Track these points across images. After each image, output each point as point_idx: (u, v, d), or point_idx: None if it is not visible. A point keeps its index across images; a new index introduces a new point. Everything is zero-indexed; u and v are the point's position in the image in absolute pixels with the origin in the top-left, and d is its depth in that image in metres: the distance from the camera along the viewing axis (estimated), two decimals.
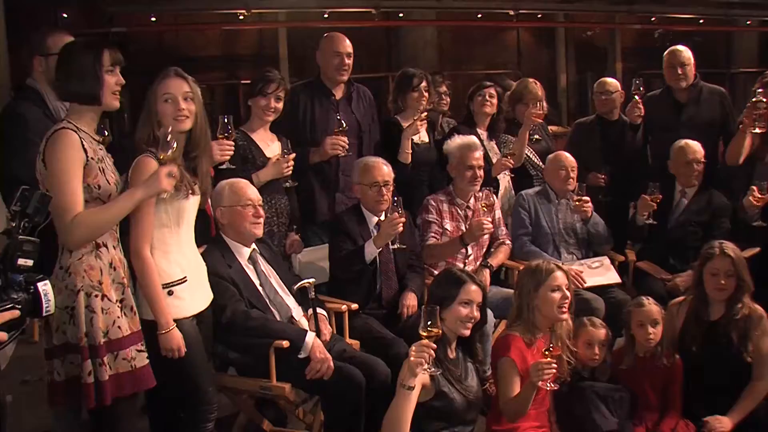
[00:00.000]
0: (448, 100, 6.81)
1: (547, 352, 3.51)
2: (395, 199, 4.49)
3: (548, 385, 3.53)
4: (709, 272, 4.16)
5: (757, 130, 5.19)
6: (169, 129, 3.18)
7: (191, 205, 3.44)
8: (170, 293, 3.30)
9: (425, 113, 5.33)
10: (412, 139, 5.29)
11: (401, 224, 4.37)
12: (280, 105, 4.72)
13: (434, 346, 3.19)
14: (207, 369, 3.60)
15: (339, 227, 4.71)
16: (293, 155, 4.61)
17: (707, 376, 4.07)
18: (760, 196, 4.96)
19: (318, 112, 5.14)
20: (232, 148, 4.05)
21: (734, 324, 4.07)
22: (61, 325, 3.06)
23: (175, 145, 3.12)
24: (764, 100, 5.15)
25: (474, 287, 3.65)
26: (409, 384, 3.18)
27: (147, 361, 3.18)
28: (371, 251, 4.47)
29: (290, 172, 4.63)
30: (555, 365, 3.48)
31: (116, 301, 3.12)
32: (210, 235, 4.15)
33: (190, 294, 3.40)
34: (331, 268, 4.75)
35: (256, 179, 4.47)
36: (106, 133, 3.72)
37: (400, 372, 3.22)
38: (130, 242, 3.23)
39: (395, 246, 4.52)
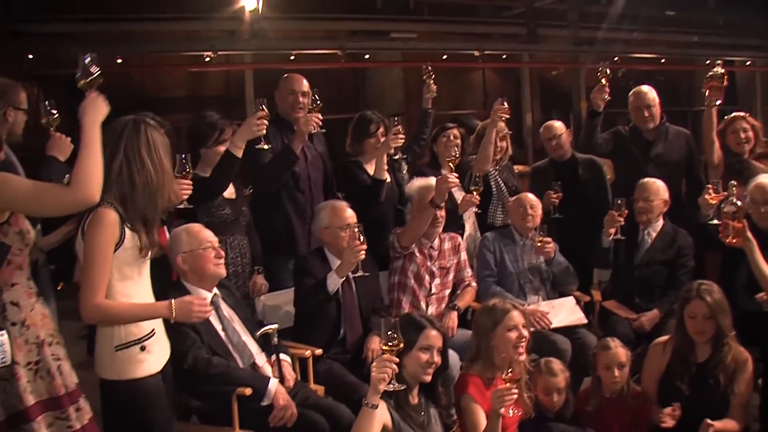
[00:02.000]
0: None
1: (506, 377, 3.49)
2: (357, 225, 4.46)
3: (511, 411, 3.52)
4: (687, 314, 4.17)
5: (718, 102, 5.43)
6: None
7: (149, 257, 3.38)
8: (143, 348, 3.16)
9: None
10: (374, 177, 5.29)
11: (363, 252, 4.34)
12: None
13: (396, 360, 3.16)
14: (171, 427, 3.51)
15: (303, 267, 4.68)
16: (264, 112, 4.46)
17: (692, 416, 4.06)
18: (714, 194, 5.01)
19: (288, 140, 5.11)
20: (191, 187, 3.99)
21: (723, 366, 4.08)
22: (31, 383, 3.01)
23: None
24: (722, 71, 5.36)
25: (434, 332, 3.62)
26: (372, 402, 3.14)
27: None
28: (334, 281, 4.43)
29: (263, 131, 4.49)
30: (515, 390, 3.47)
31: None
32: (170, 281, 4.09)
33: (158, 346, 3.29)
34: (296, 303, 4.69)
35: (233, 148, 4.43)
36: None
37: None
38: (81, 297, 3.01)
39: (358, 274, 4.48)
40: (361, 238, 4.32)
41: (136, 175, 3.07)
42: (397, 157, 5.30)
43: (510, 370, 3.49)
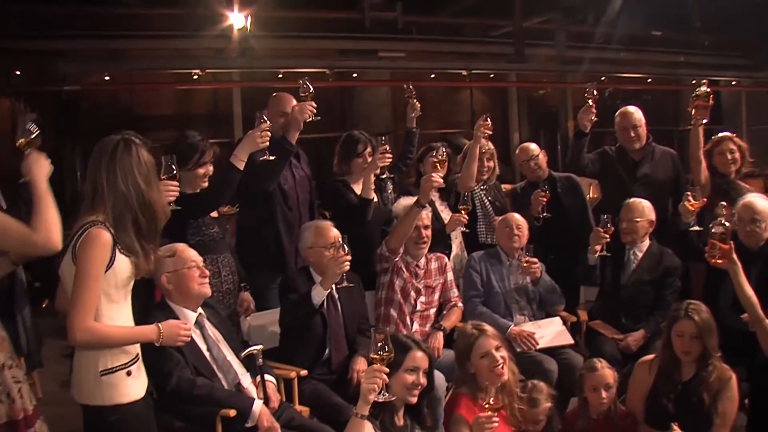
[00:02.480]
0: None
1: (487, 405, 3.49)
2: (342, 236, 4.45)
3: None
4: (675, 333, 4.18)
5: (704, 121, 5.45)
6: None
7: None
8: (129, 374, 3.13)
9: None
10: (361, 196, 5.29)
11: (347, 263, 4.32)
12: (212, 167, 4.66)
13: (386, 370, 3.15)
14: None
15: (289, 284, 4.67)
16: (268, 124, 4.47)
17: None
18: (694, 201, 5.02)
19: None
20: (177, 188, 3.94)
21: (707, 385, 4.08)
22: None
23: None
24: (708, 90, 5.38)
25: (420, 353, 3.60)
26: (361, 412, 3.12)
27: None
28: (319, 293, 4.40)
29: (266, 143, 4.48)
30: (496, 418, 3.47)
31: None
32: (153, 301, 4.06)
33: (141, 371, 3.26)
34: (281, 322, 4.67)
35: (236, 160, 4.42)
36: None
37: None
38: (72, 319, 2.97)
39: (343, 285, 4.48)
40: (346, 248, 4.31)
41: (131, 195, 3.06)
42: (384, 176, 5.29)
43: (491, 398, 3.50)
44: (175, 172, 3.90)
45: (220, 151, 4.78)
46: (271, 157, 4.68)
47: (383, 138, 5.24)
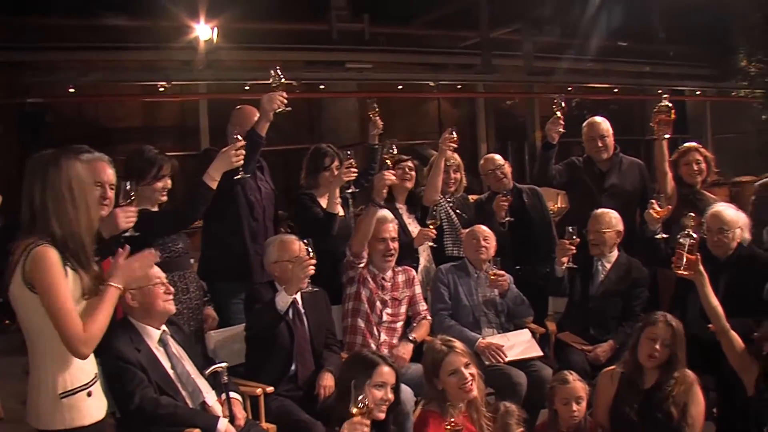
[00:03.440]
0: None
1: (448, 427, 3.48)
2: (306, 241, 4.39)
3: None
4: (647, 336, 4.18)
5: (666, 136, 5.49)
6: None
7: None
8: (89, 394, 3.05)
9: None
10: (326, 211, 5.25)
11: (312, 267, 4.28)
12: (170, 181, 4.59)
13: (367, 422, 3.12)
14: None
15: (254, 296, 4.62)
16: (242, 143, 4.40)
17: None
18: (659, 209, 5.04)
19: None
20: (136, 214, 3.85)
21: (672, 398, 4.09)
22: None
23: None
24: (669, 105, 5.41)
25: (387, 368, 3.59)
26: None
27: None
28: (283, 299, 4.35)
29: (240, 162, 4.42)
30: None
31: None
32: (114, 319, 3.99)
33: (101, 391, 3.19)
34: (247, 336, 4.60)
35: (208, 178, 4.34)
36: None
37: None
38: (69, 343, 2.91)
39: (307, 289, 4.43)
40: (310, 252, 4.28)
41: (61, 213, 2.97)
42: (350, 190, 5.25)
43: (453, 421, 3.49)
44: (132, 197, 3.79)
45: (187, 164, 4.72)
46: (247, 175, 4.65)
47: (348, 152, 5.21)
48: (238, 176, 4.59)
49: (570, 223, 5.45)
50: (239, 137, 4.40)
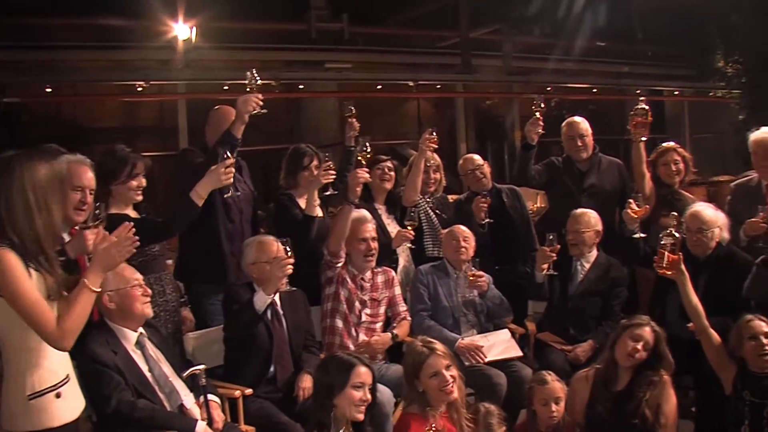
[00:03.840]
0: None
1: (430, 430, 3.49)
2: (284, 240, 4.38)
3: None
4: (629, 336, 4.20)
5: (643, 139, 5.53)
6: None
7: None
8: (58, 396, 3.01)
9: None
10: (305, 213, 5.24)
11: (290, 266, 4.28)
12: (144, 180, 4.56)
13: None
14: None
15: (232, 296, 4.60)
16: (232, 161, 4.40)
17: None
18: (637, 208, 5.06)
19: None
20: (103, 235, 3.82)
21: (646, 402, 4.10)
22: None
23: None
24: (646, 107, 5.45)
25: (364, 369, 3.58)
26: None
27: None
28: (261, 298, 4.34)
29: (230, 180, 4.42)
30: None
31: None
32: (91, 320, 3.95)
33: (74, 393, 3.15)
34: (225, 337, 4.58)
35: (195, 195, 4.33)
36: None
37: None
38: (45, 335, 2.91)
39: (286, 289, 4.43)
40: (288, 251, 4.27)
41: (16, 218, 2.91)
42: (328, 193, 5.23)
43: (434, 426, 3.51)
44: (101, 218, 3.63)
45: (163, 163, 4.69)
46: (237, 193, 4.70)
47: (327, 155, 5.20)
48: (228, 194, 4.63)
49: (550, 222, 5.46)
50: (228, 155, 4.39)
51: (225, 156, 4.37)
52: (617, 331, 4.33)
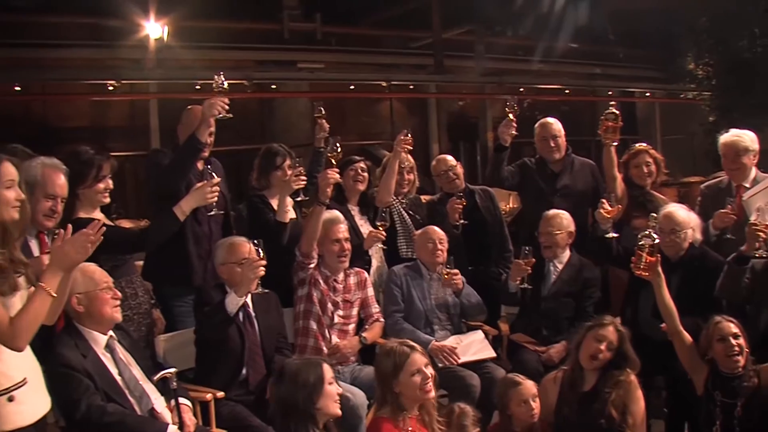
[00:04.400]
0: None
1: None
2: (256, 242, 4.35)
3: None
4: (593, 336, 4.21)
5: (615, 143, 5.57)
6: None
7: (18, 300, 3.11)
8: (10, 399, 2.95)
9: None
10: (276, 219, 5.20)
11: (262, 268, 4.25)
12: (111, 181, 4.50)
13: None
14: None
15: (203, 298, 4.61)
16: (218, 180, 4.45)
17: None
18: (610, 208, 5.08)
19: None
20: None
21: (612, 402, 4.11)
22: None
23: None
24: (616, 112, 5.49)
25: (326, 365, 3.57)
26: None
27: None
28: (233, 300, 4.30)
29: (215, 198, 4.49)
30: None
31: None
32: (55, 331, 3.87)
33: (31, 397, 3.08)
34: (197, 340, 4.54)
35: (179, 211, 4.36)
36: None
37: None
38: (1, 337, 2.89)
39: (257, 291, 4.39)
40: (261, 253, 4.25)
41: None
42: (299, 198, 5.19)
43: (410, 429, 3.52)
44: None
45: (135, 164, 4.66)
46: (221, 212, 4.75)
47: (297, 159, 5.18)
48: (213, 213, 4.68)
49: (522, 223, 5.45)
50: (214, 174, 4.44)
51: (210, 175, 4.43)
52: (581, 332, 4.35)
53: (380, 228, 5.35)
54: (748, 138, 5.35)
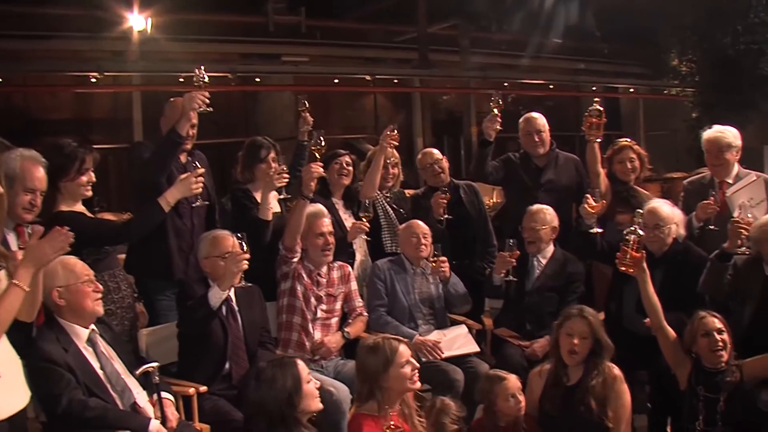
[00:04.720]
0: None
1: (388, 430, 3.46)
2: (239, 235, 4.32)
3: None
4: (565, 332, 4.22)
5: (598, 140, 5.59)
6: None
7: None
8: None
9: None
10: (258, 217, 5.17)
11: (245, 261, 4.22)
12: (93, 174, 4.46)
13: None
14: None
15: (187, 292, 4.59)
16: (202, 170, 4.45)
17: None
18: (594, 203, 5.10)
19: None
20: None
21: (591, 390, 4.12)
22: None
23: None
24: (600, 108, 5.51)
25: (301, 363, 3.57)
26: None
27: None
28: (216, 294, 4.26)
29: (200, 189, 4.49)
30: None
31: None
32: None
33: (6, 392, 3.07)
34: (179, 334, 4.51)
35: (164, 201, 4.35)
36: None
37: None
38: None
39: (241, 285, 4.37)
40: (244, 246, 4.22)
41: None
42: (282, 196, 5.17)
43: (393, 424, 3.48)
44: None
45: (117, 156, 4.63)
46: (206, 202, 4.75)
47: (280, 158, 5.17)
48: (197, 203, 4.69)
49: (506, 218, 5.45)
50: (198, 165, 4.43)
51: (195, 166, 4.42)
52: (555, 331, 4.35)
53: (364, 219, 5.34)
54: (730, 134, 5.38)
